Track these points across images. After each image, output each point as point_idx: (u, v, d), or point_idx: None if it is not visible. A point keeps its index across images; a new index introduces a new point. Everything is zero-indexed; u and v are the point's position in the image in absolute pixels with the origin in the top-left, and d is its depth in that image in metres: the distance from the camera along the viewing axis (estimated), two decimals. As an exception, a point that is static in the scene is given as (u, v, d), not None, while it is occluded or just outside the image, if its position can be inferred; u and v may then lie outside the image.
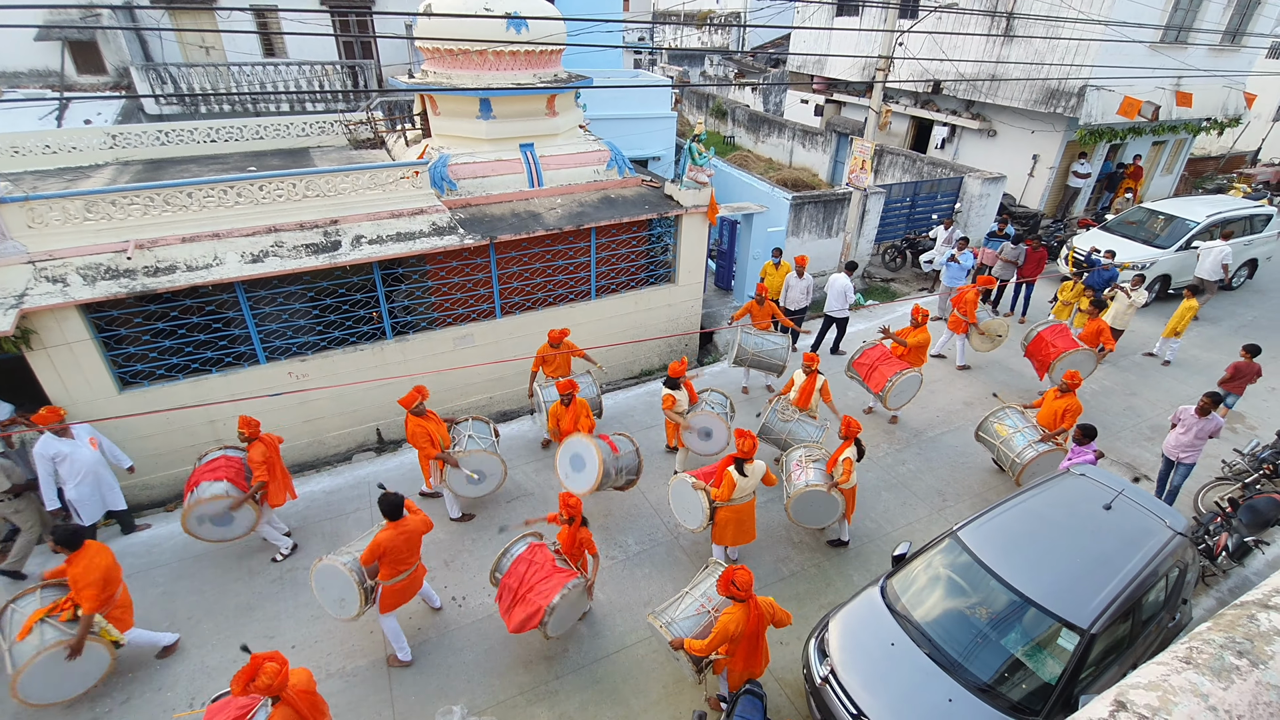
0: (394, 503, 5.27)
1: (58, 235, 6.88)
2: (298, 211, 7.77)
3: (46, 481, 6.31)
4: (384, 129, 11.28)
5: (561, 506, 5.62)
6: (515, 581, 5.51)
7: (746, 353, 9.18)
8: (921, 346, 8.87)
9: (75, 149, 10.09)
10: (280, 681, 3.88)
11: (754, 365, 9.32)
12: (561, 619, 5.54)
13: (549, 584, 5.41)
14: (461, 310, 8.86)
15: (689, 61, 34.23)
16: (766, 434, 7.83)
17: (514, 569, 5.58)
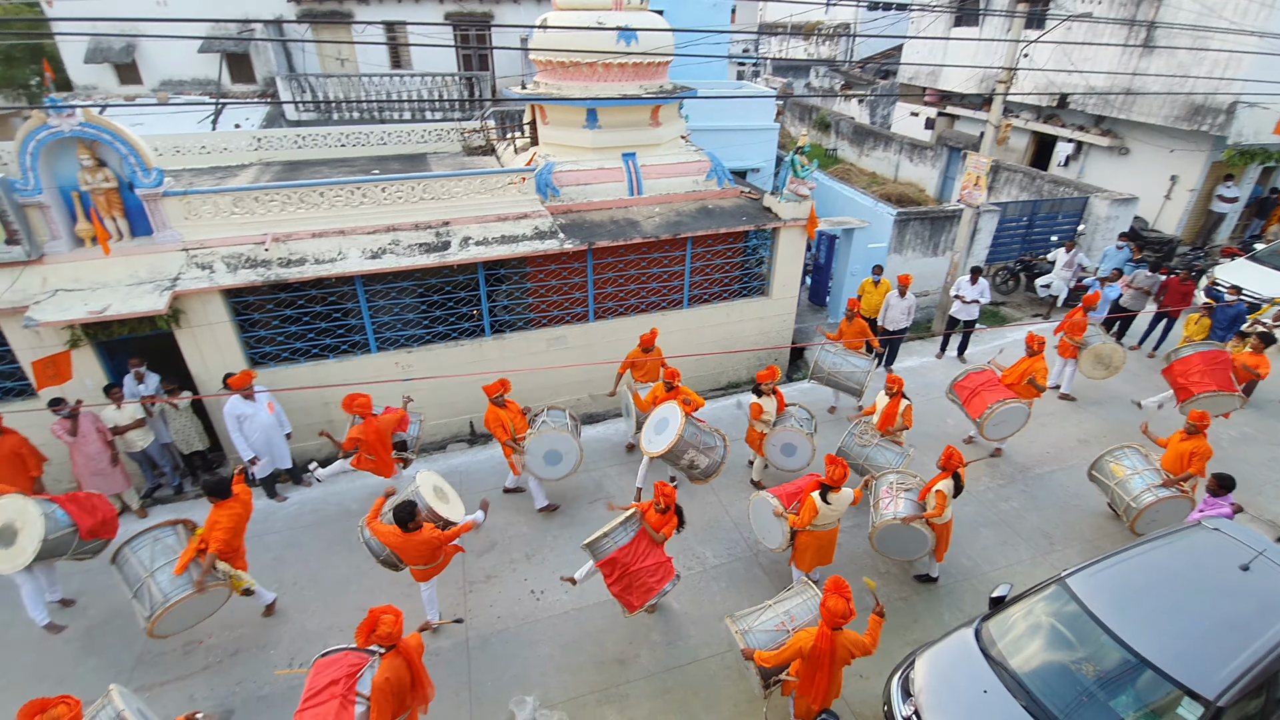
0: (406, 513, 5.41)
1: (208, 226, 7.67)
2: (414, 212, 8.28)
3: (235, 436, 7.21)
4: (495, 137, 11.82)
5: (657, 494, 5.75)
6: (630, 557, 5.69)
7: (823, 371, 8.92)
8: (1032, 375, 8.25)
9: (226, 150, 11.22)
10: (397, 630, 4.21)
11: (830, 385, 9.03)
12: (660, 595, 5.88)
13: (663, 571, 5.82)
14: (557, 312, 9.13)
15: (793, 73, 33.78)
16: (843, 456, 7.55)
17: (635, 545, 5.73)
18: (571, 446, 7.29)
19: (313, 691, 4.43)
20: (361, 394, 6.98)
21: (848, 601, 4.51)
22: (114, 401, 7.26)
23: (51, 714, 3.64)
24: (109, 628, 6.33)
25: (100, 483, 7.27)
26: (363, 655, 4.61)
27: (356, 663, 4.53)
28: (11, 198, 6.79)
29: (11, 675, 5.87)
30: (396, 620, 4.28)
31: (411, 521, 5.42)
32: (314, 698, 4.39)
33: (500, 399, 7.14)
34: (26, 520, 5.67)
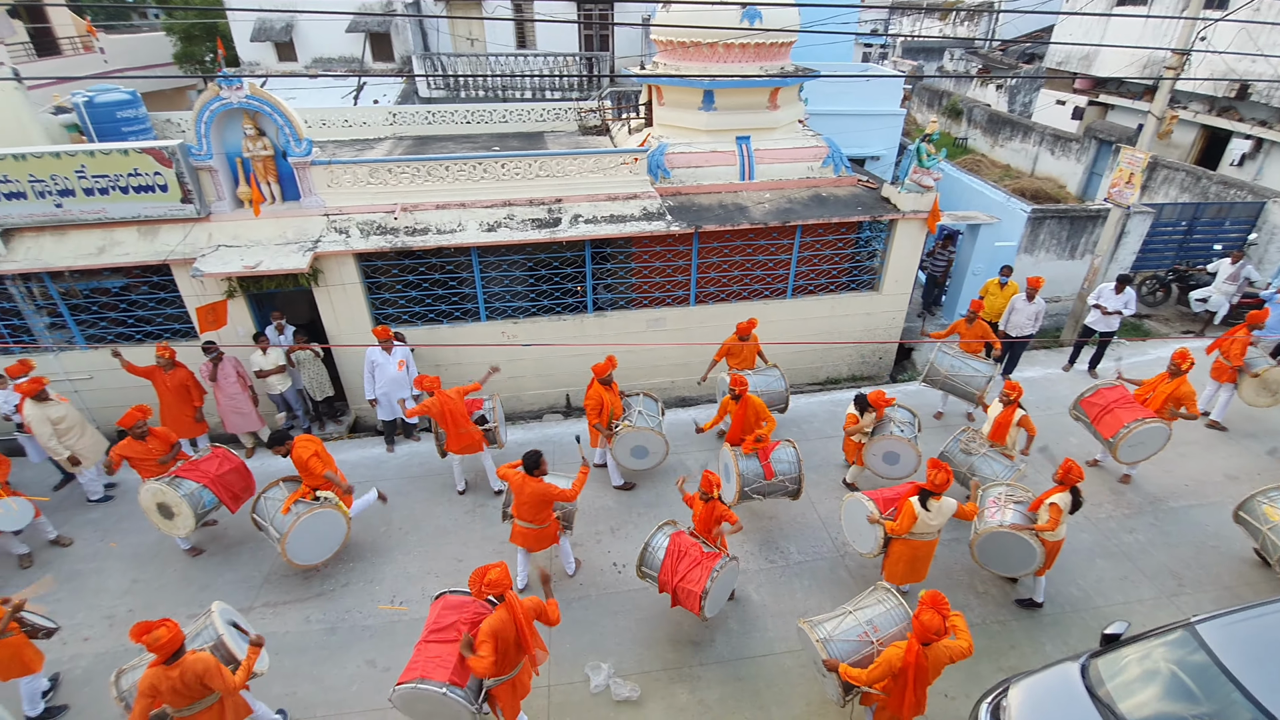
0: (533, 460, 5.75)
1: (347, 194, 8.32)
2: (529, 189, 8.58)
3: (366, 377, 8.02)
4: (610, 117, 11.97)
5: (703, 483, 5.69)
6: (669, 576, 5.65)
7: (939, 374, 8.42)
8: (1177, 400, 7.40)
9: (365, 124, 12.07)
10: (506, 585, 4.42)
11: (946, 389, 8.53)
12: (715, 600, 5.64)
13: (698, 571, 5.54)
14: (658, 294, 9.20)
15: (925, 55, 31.70)
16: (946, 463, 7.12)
17: (665, 564, 5.69)
18: (659, 445, 7.47)
19: (438, 627, 4.72)
20: (431, 376, 7.23)
21: (944, 619, 4.30)
22: (260, 348, 8.10)
23: (154, 635, 4.13)
24: (244, 549, 7.14)
25: (239, 421, 8.17)
26: (486, 607, 4.86)
27: (480, 612, 4.79)
28: (188, 161, 7.67)
29: (165, 580, 6.78)
30: (505, 576, 4.44)
31: (537, 468, 5.73)
32: (438, 633, 4.69)
33: (608, 378, 7.28)
34: (181, 513, 6.44)
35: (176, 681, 4.17)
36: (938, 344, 8.55)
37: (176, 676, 4.17)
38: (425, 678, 4.36)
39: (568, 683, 5.73)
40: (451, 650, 4.56)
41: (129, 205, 7.77)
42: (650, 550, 5.89)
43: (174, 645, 4.15)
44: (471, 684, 4.54)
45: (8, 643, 4.91)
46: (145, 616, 6.33)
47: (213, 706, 4.43)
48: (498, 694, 4.66)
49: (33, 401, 6.90)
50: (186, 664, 4.21)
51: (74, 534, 7.34)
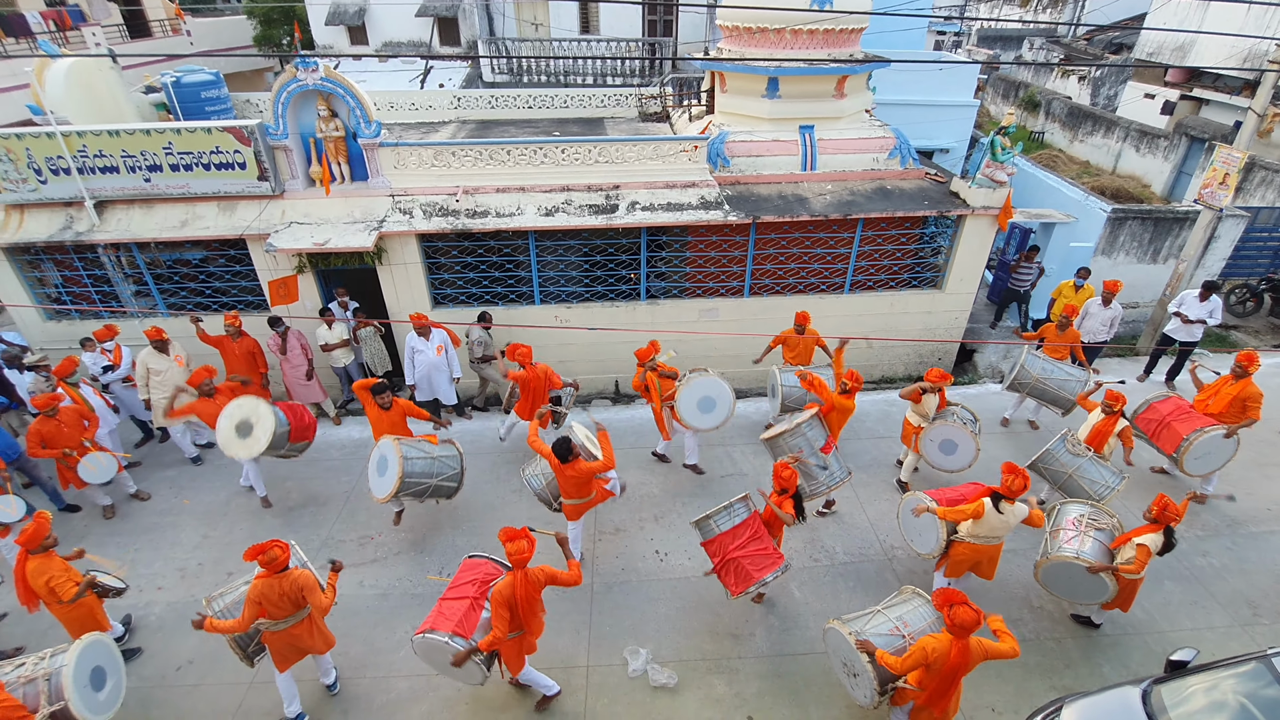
0: (562, 449, 5.79)
1: (411, 176, 8.52)
2: (587, 174, 8.60)
3: (407, 364, 8.22)
4: (671, 104, 11.87)
5: (775, 477, 5.64)
6: (730, 543, 5.70)
7: (1029, 376, 8.04)
8: (1243, 404, 6.94)
9: (430, 107, 12.31)
10: (524, 557, 4.61)
11: (1035, 394, 8.13)
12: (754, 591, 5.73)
13: (766, 560, 5.62)
14: (712, 284, 9.12)
15: (1002, 44, 30.24)
16: (1045, 465, 6.81)
17: (735, 531, 5.73)
18: (724, 391, 7.29)
19: (454, 586, 5.14)
20: (523, 344, 7.48)
21: (978, 611, 4.18)
22: (326, 323, 8.42)
23: (269, 553, 4.57)
24: (304, 513, 7.49)
25: (303, 392, 8.53)
26: (499, 568, 5.14)
27: (492, 573, 5.14)
28: (265, 140, 7.99)
29: (235, 537, 7.17)
30: (528, 547, 4.64)
31: (570, 455, 5.80)
32: (454, 591, 5.09)
33: (652, 363, 7.30)
34: (260, 417, 6.81)
35: (284, 590, 4.60)
36: (1027, 346, 8.18)
37: (286, 586, 4.60)
38: (434, 629, 4.77)
39: (606, 664, 5.80)
40: (460, 606, 4.94)
41: (210, 181, 8.17)
42: (729, 511, 5.80)
43: (284, 562, 4.62)
44: (476, 637, 4.85)
45: (84, 603, 5.24)
46: (215, 571, 6.74)
47: (303, 622, 4.86)
48: (503, 651, 4.96)
49: (153, 349, 7.45)
50: (294, 576, 4.66)
51: (151, 490, 7.84)
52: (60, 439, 6.65)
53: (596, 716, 5.42)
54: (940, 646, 4.25)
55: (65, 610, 5.13)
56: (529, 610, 4.80)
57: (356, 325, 8.64)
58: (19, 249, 8.31)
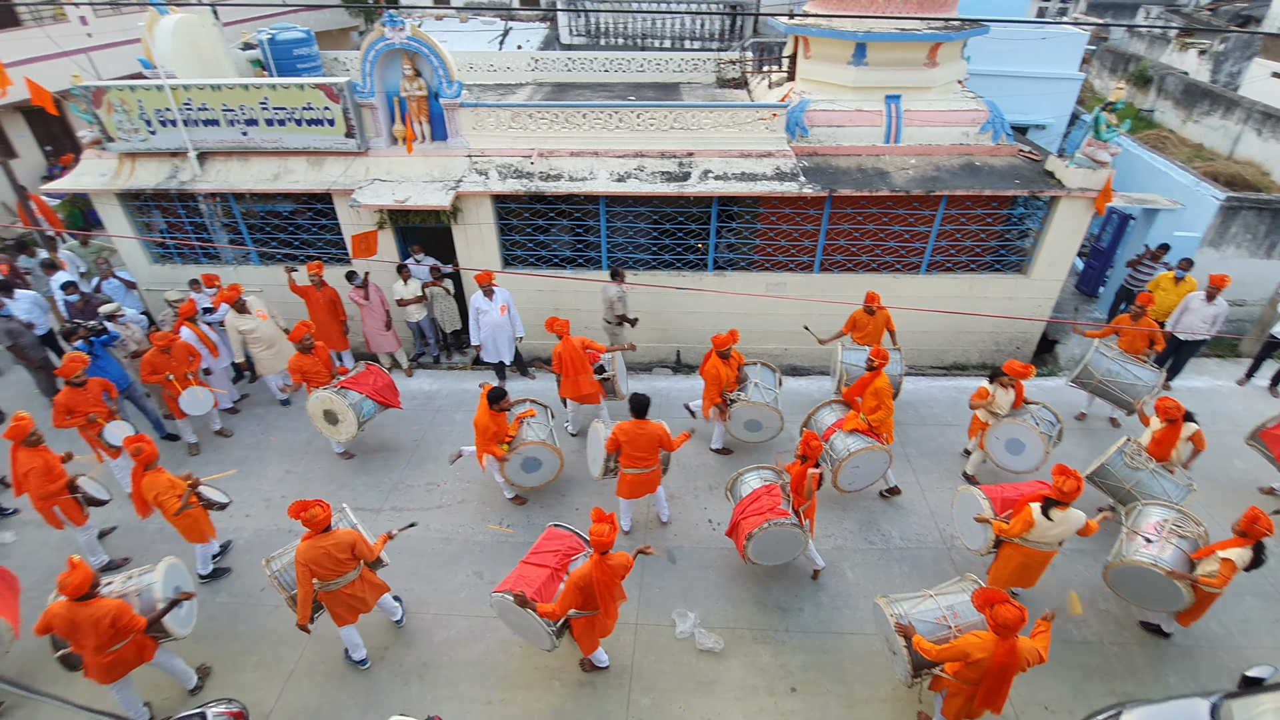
0: (641, 403, 5.95)
1: (488, 137, 8.65)
2: (661, 140, 8.53)
3: (472, 324, 8.40)
4: (751, 70, 11.55)
5: (802, 445, 5.61)
6: (739, 512, 5.97)
7: (1093, 377, 7.64)
8: None
9: (509, 69, 12.39)
10: (605, 541, 4.64)
11: (1099, 394, 7.74)
12: (764, 550, 5.84)
13: (760, 518, 5.72)
14: (781, 258, 8.96)
15: (1114, 12, 27.83)
16: (1103, 478, 6.50)
17: (743, 501, 5.98)
18: (773, 421, 7.40)
19: (537, 553, 5.34)
20: (561, 318, 7.43)
21: (1020, 609, 4.05)
22: (402, 278, 8.75)
23: (310, 512, 4.76)
24: (377, 457, 7.92)
25: (380, 341, 8.94)
26: (583, 544, 5.32)
27: (576, 548, 5.29)
28: (353, 98, 8.26)
29: (314, 474, 7.67)
30: (610, 532, 4.66)
31: (646, 409, 5.97)
32: (537, 557, 5.29)
33: (727, 352, 7.17)
34: (343, 410, 7.16)
35: (330, 549, 4.81)
36: (1095, 342, 7.73)
37: (330, 545, 4.82)
38: (512, 591, 4.91)
39: (654, 624, 5.97)
40: (540, 574, 5.10)
41: (301, 137, 8.53)
42: (739, 483, 6.24)
43: (325, 521, 4.82)
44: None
45: (190, 514, 5.79)
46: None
47: (356, 581, 5.09)
48: (575, 625, 5.03)
49: (232, 310, 7.91)
50: (338, 534, 4.88)
51: (240, 426, 8.44)
52: (168, 370, 7.28)
53: (642, 673, 5.59)
54: (984, 646, 4.15)
55: (177, 520, 5.74)
56: (607, 594, 4.83)
57: (430, 282, 8.94)
58: (130, 195, 8.94)
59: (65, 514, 6.04)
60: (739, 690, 5.46)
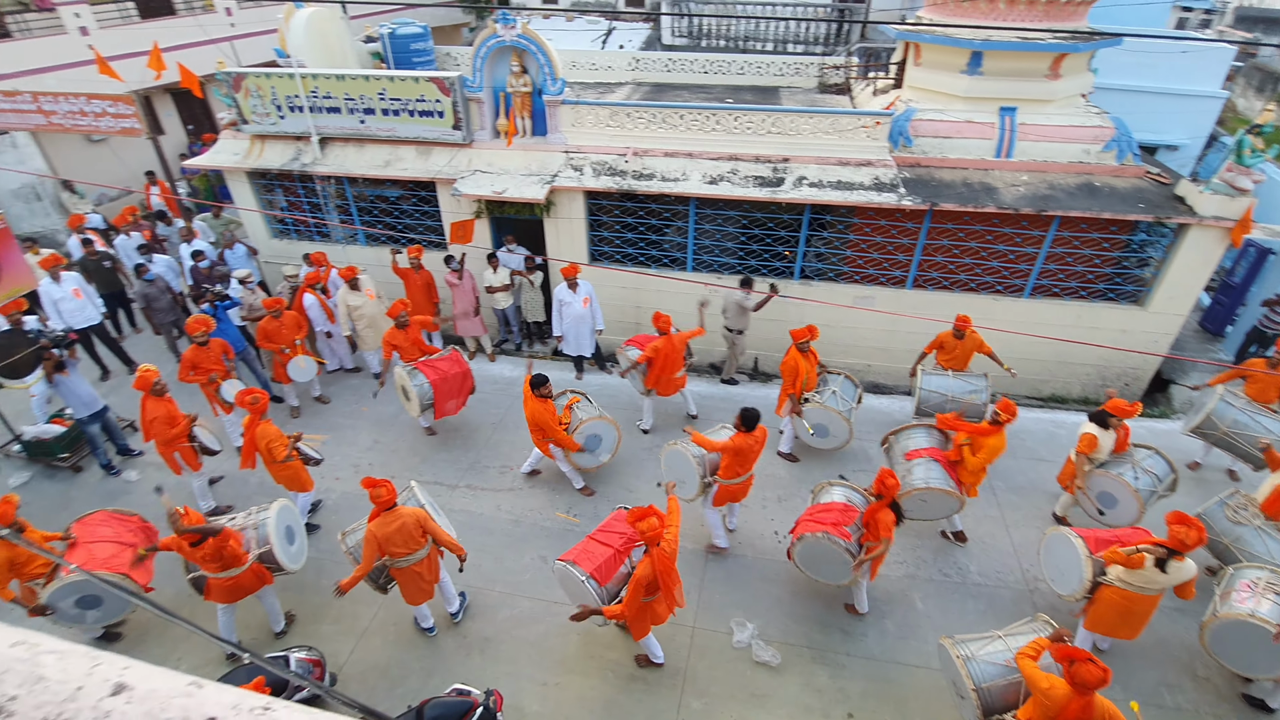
0: (753, 416, 5.82)
1: (585, 134, 8.84)
2: (757, 145, 8.45)
3: (555, 316, 8.60)
4: (855, 75, 11.26)
5: (877, 483, 5.37)
6: (811, 510, 5.92)
7: (1217, 427, 6.93)
8: None
9: (609, 68, 12.61)
10: (654, 535, 4.65)
11: (1222, 445, 7.04)
12: (812, 561, 5.71)
13: (819, 525, 5.59)
14: (872, 270, 8.69)
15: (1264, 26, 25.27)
16: None
17: (823, 504, 5.90)
18: (842, 430, 7.27)
19: (604, 531, 5.47)
20: (665, 314, 7.54)
21: (1105, 669, 3.74)
22: (492, 266, 9.09)
23: (376, 490, 5.00)
24: (459, 436, 8.27)
25: (467, 325, 9.31)
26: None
27: (634, 539, 5.32)
28: (463, 91, 8.64)
29: (400, 445, 8.09)
30: (658, 526, 4.69)
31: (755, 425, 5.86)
32: (602, 535, 5.42)
33: (805, 345, 7.15)
34: (410, 389, 7.52)
35: (397, 528, 5.04)
36: (1219, 389, 7.04)
37: (397, 525, 5.04)
38: (576, 563, 5.08)
39: (711, 630, 5.94)
40: (603, 552, 5.22)
41: (412, 127, 9.00)
42: (825, 491, 6.15)
43: (389, 501, 5.04)
44: (610, 588, 5.11)
45: (291, 465, 6.27)
46: (380, 471, 7.65)
47: (425, 560, 5.30)
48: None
49: (345, 287, 8.47)
50: (404, 513, 5.11)
51: (335, 396, 9.01)
52: (279, 337, 7.88)
53: (696, 676, 5.58)
54: (1058, 701, 3.88)
55: (278, 469, 6.27)
56: (668, 581, 4.84)
57: (521, 271, 9.23)
58: (257, 173, 9.72)
59: (184, 459, 6.65)
60: (793, 708, 5.36)
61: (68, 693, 0.67)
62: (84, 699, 0.66)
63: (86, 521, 5.57)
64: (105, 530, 5.46)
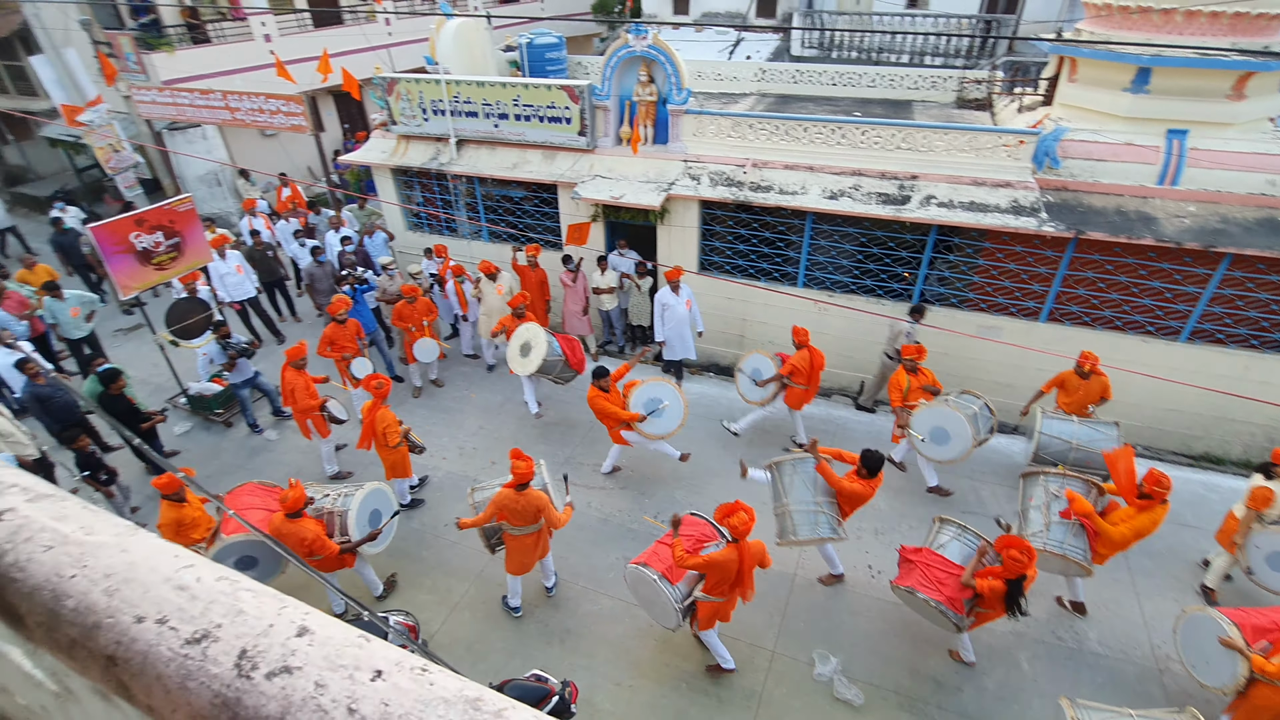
0: (877, 461, 5.55)
1: (706, 144, 8.86)
2: (884, 160, 8.11)
3: (657, 319, 8.68)
4: (999, 91, 10.56)
5: (1007, 560, 4.79)
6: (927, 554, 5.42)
7: None
8: None
9: (735, 78, 12.58)
10: (745, 529, 4.69)
11: None
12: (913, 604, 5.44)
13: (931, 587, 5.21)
14: (1001, 299, 8.10)
15: None
16: None
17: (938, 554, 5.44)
18: (964, 430, 6.65)
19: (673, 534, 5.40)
20: (802, 328, 7.47)
21: None
22: (600, 269, 9.32)
23: (517, 464, 5.30)
24: (556, 429, 8.56)
25: (575, 324, 9.59)
26: (716, 533, 5.32)
27: (709, 535, 5.33)
28: (591, 100, 8.94)
29: (503, 434, 8.48)
30: (747, 522, 4.70)
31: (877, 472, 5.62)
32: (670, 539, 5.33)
33: (913, 365, 6.87)
34: (538, 343, 7.85)
35: (521, 504, 5.36)
36: None
37: (523, 501, 5.36)
38: (648, 564, 5.14)
39: (792, 657, 5.75)
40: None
41: (540, 132, 9.42)
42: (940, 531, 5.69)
43: (526, 477, 5.34)
44: (682, 588, 5.10)
45: (400, 451, 6.71)
46: (484, 456, 8.04)
47: (536, 534, 5.64)
48: (700, 607, 5.14)
49: (485, 278, 9.05)
50: (532, 494, 5.40)
51: (449, 380, 9.58)
52: (410, 318, 8.60)
53: (771, 702, 5.43)
54: None
55: (387, 453, 6.68)
56: (741, 580, 4.87)
57: (631, 275, 9.41)
58: (400, 170, 10.53)
59: (315, 427, 7.32)
60: (873, 753, 5.08)
61: (261, 628, 0.75)
62: (274, 635, 0.74)
63: (237, 492, 6.13)
64: (254, 499, 6.04)
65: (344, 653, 0.72)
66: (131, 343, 10.87)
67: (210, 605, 0.78)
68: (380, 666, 0.70)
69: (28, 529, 0.90)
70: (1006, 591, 4.79)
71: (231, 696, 0.69)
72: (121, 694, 0.77)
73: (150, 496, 7.67)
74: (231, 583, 0.82)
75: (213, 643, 0.74)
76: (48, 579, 0.84)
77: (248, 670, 0.71)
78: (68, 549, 0.87)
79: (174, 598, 0.79)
